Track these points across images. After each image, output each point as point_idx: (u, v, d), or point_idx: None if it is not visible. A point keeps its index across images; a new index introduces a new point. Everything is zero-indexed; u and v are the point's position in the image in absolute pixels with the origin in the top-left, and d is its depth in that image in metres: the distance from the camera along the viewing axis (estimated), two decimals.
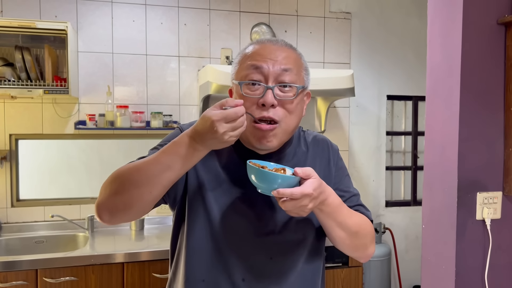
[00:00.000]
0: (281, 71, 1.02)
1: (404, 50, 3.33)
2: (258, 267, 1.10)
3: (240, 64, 1.08)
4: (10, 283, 2.11)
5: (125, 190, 0.97)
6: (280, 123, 1.04)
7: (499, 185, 1.57)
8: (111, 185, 1.00)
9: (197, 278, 1.11)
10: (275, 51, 1.04)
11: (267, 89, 1.01)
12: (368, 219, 1.19)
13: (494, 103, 1.55)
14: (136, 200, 0.98)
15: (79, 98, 2.74)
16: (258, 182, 0.96)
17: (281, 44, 1.07)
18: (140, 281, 2.29)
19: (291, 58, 1.06)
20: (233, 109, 0.90)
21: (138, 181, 0.96)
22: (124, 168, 1.01)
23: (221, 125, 0.89)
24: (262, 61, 1.02)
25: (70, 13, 2.71)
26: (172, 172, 0.96)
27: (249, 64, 1.04)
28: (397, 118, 3.45)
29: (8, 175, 2.67)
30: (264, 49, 1.05)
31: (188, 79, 2.93)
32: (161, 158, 0.96)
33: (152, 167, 0.96)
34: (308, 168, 0.96)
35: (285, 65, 1.03)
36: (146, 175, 0.96)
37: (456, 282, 1.54)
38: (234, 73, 1.09)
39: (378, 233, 3.11)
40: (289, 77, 1.03)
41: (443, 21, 1.60)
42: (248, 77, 1.03)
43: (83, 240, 2.63)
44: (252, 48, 1.07)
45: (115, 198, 0.98)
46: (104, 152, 2.85)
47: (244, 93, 1.02)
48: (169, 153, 0.96)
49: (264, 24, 2.98)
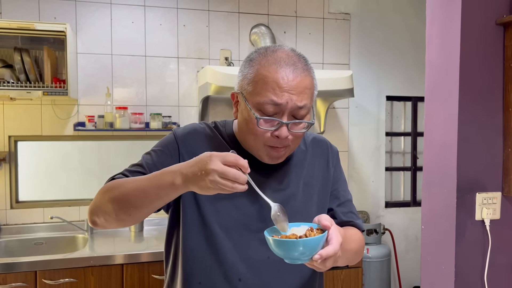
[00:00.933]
0: (297, 108, 1.02)
1: (403, 51, 3.33)
2: (255, 267, 1.10)
3: (254, 85, 1.03)
4: (10, 284, 2.11)
5: (115, 209, 1.02)
6: (291, 146, 1.08)
7: (498, 186, 1.57)
8: (105, 200, 1.04)
9: (194, 281, 1.11)
10: (293, 81, 1.01)
11: (282, 124, 1.02)
12: (359, 230, 1.21)
13: (493, 104, 1.55)
14: (129, 216, 1.03)
15: (78, 100, 2.74)
16: (301, 255, 0.86)
17: (300, 71, 1.03)
18: (140, 283, 2.28)
19: (307, 89, 1.04)
20: (234, 173, 0.88)
21: (132, 202, 1.00)
22: (118, 186, 1.03)
23: (214, 177, 0.88)
24: (280, 95, 1.00)
25: (69, 14, 2.71)
26: (163, 201, 1.00)
27: (266, 100, 1.01)
28: (397, 119, 3.45)
29: (7, 177, 2.67)
30: (283, 78, 1.01)
31: (187, 80, 2.93)
32: (151, 191, 0.98)
33: (147, 196, 0.99)
34: (326, 216, 0.94)
35: (300, 102, 1.02)
36: (140, 201, 1.00)
37: (456, 283, 1.54)
38: (246, 91, 1.05)
39: (378, 234, 3.11)
40: (303, 112, 1.04)
41: (442, 22, 1.60)
42: (264, 109, 1.01)
43: (83, 241, 2.63)
44: (269, 69, 1.02)
45: (109, 212, 1.04)
46: (103, 153, 2.85)
47: (259, 125, 1.02)
48: (157, 187, 0.97)
49: (263, 25, 2.99)
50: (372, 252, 3.04)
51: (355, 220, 1.21)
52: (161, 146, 1.15)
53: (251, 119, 1.03)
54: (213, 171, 0.87)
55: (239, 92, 1.08)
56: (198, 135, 1.15)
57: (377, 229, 3.12)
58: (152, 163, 1.11)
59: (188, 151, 1.11)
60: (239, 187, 0.88)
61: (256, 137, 1.05)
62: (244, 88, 1.06)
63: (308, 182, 1.18)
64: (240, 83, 1.08)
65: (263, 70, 1.02)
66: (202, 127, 1.18)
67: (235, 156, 0.90)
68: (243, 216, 1.11)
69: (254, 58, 1.06)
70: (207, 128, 1.17)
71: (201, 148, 1.11)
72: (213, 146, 1.14)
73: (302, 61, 1.05)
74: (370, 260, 3.03)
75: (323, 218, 0.92)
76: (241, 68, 1.09)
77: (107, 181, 1.10)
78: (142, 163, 1.12)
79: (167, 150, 1.13)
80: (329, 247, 0.87)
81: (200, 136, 1.15)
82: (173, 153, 1.12)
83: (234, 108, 1.12)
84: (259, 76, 1.03)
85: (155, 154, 1.13)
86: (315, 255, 0.86)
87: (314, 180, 1.19)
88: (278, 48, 1.06)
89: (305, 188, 1.17)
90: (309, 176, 1.19)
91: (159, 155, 1.13)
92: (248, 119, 1.05)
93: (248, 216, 1.10)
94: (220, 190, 0.89)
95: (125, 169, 1.13)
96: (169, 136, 1.15)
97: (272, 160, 1.09)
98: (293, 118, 1.03)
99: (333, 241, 0.88)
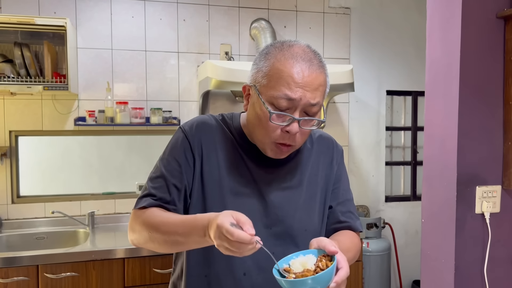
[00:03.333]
0: (310, 105, 1.02)
1: (404, 45, 3.33)
2: (260, 261, 1.11)
3: (268, 79, 1.03)
4: (12, 278, 2.12)
5: (159, 248, 1.08)
6: (297, 144, 1.07)
7: (498, 179, 1.58)
8: (146, 239, 1.08)
9: (200, 274, 1.13)
10: (309, 78, 1.01)
11: (294, 120, 1.02)
12: (356, 234, 1.21)
13: (493, 97, 1.55)
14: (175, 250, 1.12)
15: (78, 95, 2.74)
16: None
17: (316, 68, 1.03)
18: (141, 277, 2.29)
19: (321, 86, 1.05)
20: (239, 245, 0.87)
21: (174, 247, 1.08)
22: (156, 229, 1.06)
23: (222, 244, 0.89)
24: (295, 90, 1.00)
25: (69, 9, 2.71)
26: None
27: (280, 94, 1.01)
28: (397, 113, 3.45)
29: (8, 172, 2.67)
30: (298, 73, 1.01)
31: (187, 75, 2.93)
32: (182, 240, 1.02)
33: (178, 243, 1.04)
34: (327, 240, 0.93)
35: (314, 99, 1.02)
36: (181, 247, 1.08)
37: (456, 276, 1.54)
38: (260, 85, 1.05)
39: (378, 228, 3.12)
40: (315, 109, 1.04)
41: (442, 16, 1.60)
42: (277, 104, 1.01)
43: (84, 236, 2.64)
44: (287, 65, 1.02)
45: (155, 248, 1.10)
46: (104, 148, 2.85)
47: (271, 121, 1.02)
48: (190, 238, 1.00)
49: (263, 20, 2.98)
50: (372, 246, 3.05)
51: (352, 221, 1.22)
52: (174, 147, 1.15)
53: (264, 113, 1.03)
54: (219, 229, 0.88)
55: (252, 85, 1.07)
56: (206, 126, 1.16)
57: (377, 223, 3.13)
58: (172, 169, 1.12)
59: (199, 143, 1.13)
60: (243, 247, 0.87)
61: (266, 132, 1.05)
62: (258, 81, 1.05)
63: (312, 180, 1.19)
64: (253, 76, 1.07)
65: (279, 64, 1.02)
66: (209, 118, 1.18)
67: (243, 219, 0.90)
68: (249, 212, 1.11)
69: (270, 51, 1.06)
70: (214, 119, 1.18)
71: (211, 138, 1.13)
72: (220, 137, 1.15)
73: (318, 58, 1.05)
74: (370, 254, 3.04)
75: (327, 244, 0.91)
76: (255, 61, 1.09)
77: (137, 202, 1.13)
78: (163, 173, 1.12)
79: (181, 150, 1.13)
80: (341, 271, 0.88)
81: (208, 127, 1.16)
82: (187, 152, 1.12)
83: (245, 101, 1.11)
84: (275, 70, 1.02)
85: (172, 159, 1.13)
86: (331, 284, 0.86)
87: (318, 177, 1.20)
88: (295, 44, 1.06)
89: (309, 186, 1.18)
90: (313, 173, 1.19)
91: (175, 158, 1.13)
92: (260, 113, 1.04)
93: (254, 212, 1.11)
94: (228, 249, 0.89)
95: (150, 186, 1.13)
96: (178, 134, 1.16)
97: (275, 155, 1.09)
98: (304, 114, 1.04)
99: (342, 263, 0.89)
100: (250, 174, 1.13)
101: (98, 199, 2.79)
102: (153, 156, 2.92)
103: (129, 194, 2.84)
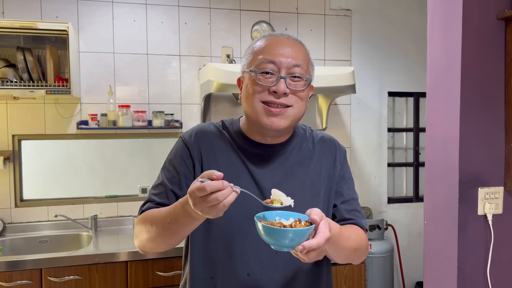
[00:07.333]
0: (293, 66, 1.08)
1: (405, 46, 3.33)
2: (263, 262, 1.12)
3: (253, 56, 1.12)
4: (15, 282, 2.13)
5: (156, 247, 1.12)
6: (294, 106, 1.10)
7: (501, 180, 1.58)
8: (145, 240, 1.12)
9: (205, 277, 1.15)
10: (287, 46, 1.10)
11: (280, 78, 1.07)
12: (362, 229, 1.21)
13: (494, 99, 1.55)
14: (170, 245, 1.12)
15: (81, 98, 2.75)
16: (277, 241, 0.90)
17: (292, 39, 1.13)
18: (144, 280, 2.30)
19: (301, 53, 1.12)
20: (215, 195, 0.87)
21: (166, 239, 1.09)
22: (149, 225, 1.09)
23: (195, 199, 0.88)
24: (275, 55, 1.08)
25: (71, 13, 2.72)
26: (190, 228, 1.05)
27: (262, 58, 1.09)
28: (399, 115, 3.45)
29: (11, 176, 2.68)
30: (276, 43, 1.10)
31: (189, 78, 2.94)
32: (171, 227, 1.04)
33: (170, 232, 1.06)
34: (317, 210, 0.93)
35: (296, 60, 1.09)
36: (172, 237, 1.08)
37: (458, 278, 1.54)
38: (247, 64, 1.13)
39: (381, 230, 3.12)
40: (299, 70, 1.09)
41: (443, 17, 1.60)
42: (262, 68, 1.08)
43: (87, 239, 2.65)
44: (265, 41, 1.12)
45: (154, 248, 1.14)
46: (106, 151, 2.86)
47: (257, 80, 1.07)
48: (177, 223, 1.03)
49: (264, 22, 2.99)
50: (375, 247, 3.05)
51: (358, 219, 1.21)
52: (174, 156, 1.19)
53: (252, 80, 1.09)
54: (192, 194, 0.89)
55: (242, 71, 1.16)
56: (205, 133, 1.19)
57: (380, 224, 3.12)
58: (171, 176, 1.16)
59: (198, 149, 1.16)
60: (219, 194, 0.87)
61: (255, 97, 1.08)
62: (244, 64, 1.14)
63: (315, 180, 1.19)
64: (242, 66, 1.16)
65: (260, 43, 1.13)
66: (208, 125, 1.22)
67: (207, 173, 0.90)
68: (251, 214, 1.12)
69: (254, 42, 1.16)
70: (213, 126, 1.21)
71: (209, 144, 1.16)
72: (219, 142, 1.17)
73: (299, 41, 1.15)
74: (373, 256, 3.04)
75: (314, 212, 0.92)
76: (244, 56, 1.18)
77: (141, 208, 1.17)
78: (163, 181, 1.17)
79: (180, 158, 1.17)
80: (313, 240, 0.88)
81: (206, 134, 1.19)
82: (186, 159, 1.16)
83: (240, 91, 1.18)
84: (257, 47, 1.13)
85: (171, 167, 1.17)
86: (298, 246, 0.88)
87: (321, 177, 1.20)
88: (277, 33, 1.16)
89: (312, 186, 1.18)
90: (316, 174, 1.20)
91: (174, 166, 1.17)
92: (249, 84, 1.11)
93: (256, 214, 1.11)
94: (211, 206, 0.88)
95: (152, 193, 1.18)
96: (179, 143, 1.20)
97: (271, 122, 1.09)
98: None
99: (318, 235, 0.89)
100: (251, 176, 1.14)
101: (101, 202, 2.79)
102: (156, 159, 2.94)
103: (132, 197, 2.85)
